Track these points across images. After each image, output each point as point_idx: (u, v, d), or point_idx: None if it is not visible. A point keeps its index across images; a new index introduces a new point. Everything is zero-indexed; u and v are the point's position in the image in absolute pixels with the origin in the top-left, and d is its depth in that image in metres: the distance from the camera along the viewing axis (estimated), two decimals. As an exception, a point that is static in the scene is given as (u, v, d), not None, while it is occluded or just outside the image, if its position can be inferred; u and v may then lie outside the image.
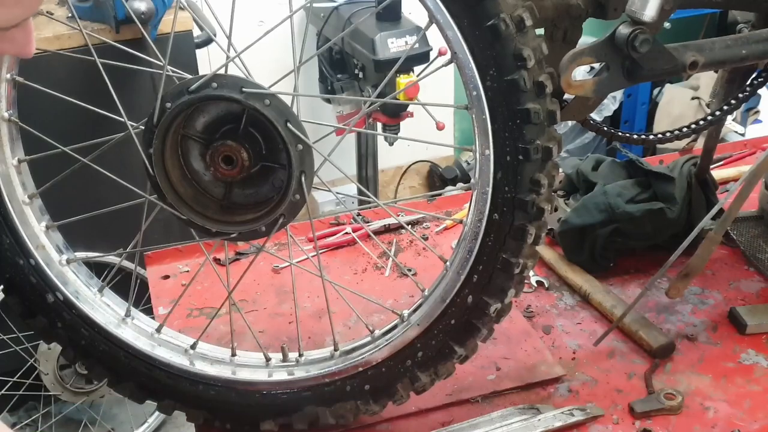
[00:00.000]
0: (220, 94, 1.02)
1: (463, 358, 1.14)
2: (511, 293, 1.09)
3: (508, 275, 1.07)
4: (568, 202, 1.76)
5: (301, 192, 1.05)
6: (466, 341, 1.12)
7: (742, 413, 1.23)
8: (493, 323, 1.12)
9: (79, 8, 2.36)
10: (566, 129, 3.88)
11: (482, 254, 1.06)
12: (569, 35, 1.23)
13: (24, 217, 1.16)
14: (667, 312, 1.47)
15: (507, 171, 1.01)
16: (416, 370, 1.14)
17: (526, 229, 1.03)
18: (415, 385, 1.15)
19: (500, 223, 1.04)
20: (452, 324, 1.10)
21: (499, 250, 1.05)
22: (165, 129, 1.05)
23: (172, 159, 1.09)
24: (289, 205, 1.07)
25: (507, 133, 1.00)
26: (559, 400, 1.28)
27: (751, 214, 1.67)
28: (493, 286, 1.08)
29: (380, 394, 1.17)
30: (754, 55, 1.28)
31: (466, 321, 1.10)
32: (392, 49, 2.84)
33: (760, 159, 1.29)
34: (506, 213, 1.03)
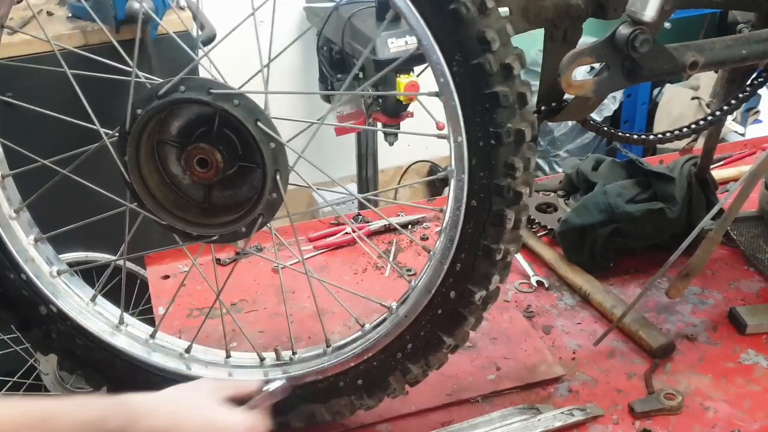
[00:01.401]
0: (188, 97, 1.02)
1: (452, 347, 1.14)
2: (495, 280, 1.08)
3: (490, 262, 1.06)
4: (568, 202, 1.76)
5: (277, 190, 1.05)
6: (454, 331, 1.11)
7: (742, 413, 1.23)
8: (480, 311, 1.12)
9: (79, 8, 2.35)
10: (566, 129, 3.88)
11: (463, 242, 1.05)
12: (569, 35, 1.23)
13: (11, 232, 1.18)
14: (667, 312, 1.47)
15: (481, 156, 1.00)
16: (407, 362, 1.14)
17: (505, 215, 1.03)
18: (407, 377, 1.15)
19: (478, 210, 1.04)
20: (439, 314, 1.10)
21: (480, 237, 1.05)
22: (138, 135, 1.05)
23: (148, 165, 1.09)
24: (266, 204, 1.06)
25: (478, 119, 0.99)
26: (559, 400, 1.28)
27: (751, 214, 1.67)
28: (476, 273, 1.07)
29: (374, 388, 1.17)
30: (755, 55, 1.28)
31: (453, 310, 1.10)
32: (392, 49, 2.84)
33: (760, 159, 1.29)
34: (483, 199, 1.03)
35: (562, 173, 1.86)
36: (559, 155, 3.96)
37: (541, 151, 3.98)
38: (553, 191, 1.80)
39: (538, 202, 1.77)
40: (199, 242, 1.13)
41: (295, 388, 1.18)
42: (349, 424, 1.24)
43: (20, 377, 2.63)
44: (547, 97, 1.28)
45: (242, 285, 1.60)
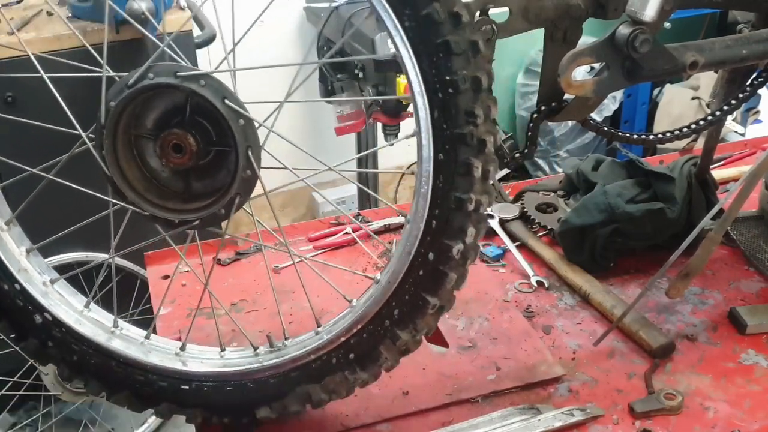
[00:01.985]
0: (157, 82, 1.05)
1: (438, 308, 1.13)
2: (471, 232, 1.08)
3: (463, 213, 1.06)
4: (568, 202, 1.76)
5: (251, 167, 1.07)
6: (438, 290, 1.11)
7: (742, 413, 1.23)
8: (461, 267, 1.11)
9: (79, 8, 2.36)
10: (566, 129, 3.89)
11: (436, 198, 1.06)
12: (569, 35, 1.23)
13: (3, 243, 1.19)
14: (667, 312, 1.47)
15: (441, 108, 1.02)
16: (396, 329, 1.13)
17: (471, 164, 1.03)
18: (397, 344, 1.14)
19: (446, 162, 1.04)
20: (421, 275, 1.10)
21: (450, 190, 1.05)
22: (113, 128, 1.08)
23: (127, 158, 1.11)
24: (241, 182, 1.08)
25: (434, 70, 1.00)
26: (559, 400, 1.28)
27: (751, 214, 1.67)
28: (451, 227, 1.07)
29: (366, 360, 1.16)
30: (755, 55, 1.28)
31: (433, 269, 1.09)
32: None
33: (760, 159, 1.29)
34: (449, 151, 1.03)
35: (562, 173, 1.86)
36: (559, 155, 3.96)
37: (541, 151, 3.98)
38: (553, 191, 1.80)
39: (538, 202, 1.77)
40: (181, 229, 1.14)
41: (290, 371, 1.18)
42: (349, 424, 1.24)
43: (20, 377, 2.63)
44: (547, 97, 1.28)
45: (242, 285, 1.60)
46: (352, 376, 1.17)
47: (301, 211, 3.96)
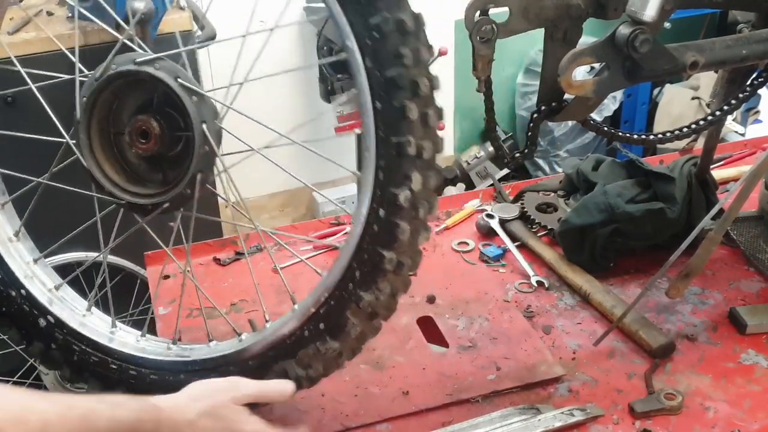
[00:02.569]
0: (118, 71, 1.12)
1: (397, 263, 1.11)
2: (416, 179, 1.07)
3: (406, 159, 1.06)
4: (568, 202, 1.76)
5: (207, 142, 1.11)
6: (392, 243, 1.10)
7: (742, 413, 1.23)
8: (414, 218, 1.10)
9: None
10: (566, 129, 3.89)
11: (379, 148, 1.06)
12: (569, 35, 1.23)
13: (11, 253, 1.29)
14: (667, 312, 1.47)
15: (371, 55, 1.03)
16: (359, 291, 1.13)
17: (406, 106, 1.03)
18: (362, 306, 1.13)
19: (383, 110, 1.05)
20: (376, 231, 1.10)
21: (390, 136, 1.05)
22: (87, 122, 1.15)
23: (104, 152, 1.19)
24: (200, 158, 1.12)
25: (359, 16, 1.02)
26: (559, 400, 1.28)
27: (751, 214, 1.67)
28: (396, 175, 1.07)
29: (335, 328, 1.15)
30: (755, 55, 1.28)
31: (386, 221, 1.09)
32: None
33: (760, 159, 1.29)
34: (384, 97, 1.04)
35: (562, 173, 1.86)
36: (559, 155, 3.96)
37: (541, 151, 3.98)
38: (553, 191, 1.80)
39: (538, 202, 1.77)
40: (154, 213, 1.19)
41: (268, 351, 1.20)
42: (349, 424, 1.24)
43: (20, 377, 2.63)
44: (548, 97, 1.28)
45: (242, 285, 1.60)
46: (323, 346, 1.16)
47: (301, 211, 3.96)
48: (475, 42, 1.18)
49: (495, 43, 1.20)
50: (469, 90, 1.42)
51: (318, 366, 1.18)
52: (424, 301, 1.53)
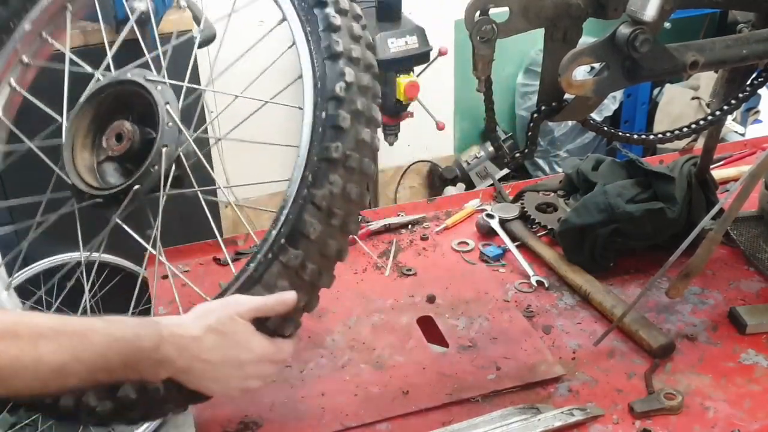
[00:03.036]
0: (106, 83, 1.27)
1: (343, 155, 1.12)
2: (349, 73, 1.13)
3: (336, 57, 1.14)
4: (568, 202, 1.76)
5: (171, 119, 1.19)
6: (339, 136, 1.12)
7: (742, 413, 1.23)
8: (355, 100, 1.13)
9: (79, 8, 2.35)
10: (566, 129, 3.88)
11: (311, 53, 1.15)
12: (569, 35, 1.23)
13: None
14: (667, 312, 1.47)
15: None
16: (312, 190, 1.12)
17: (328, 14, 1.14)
18: (316, 203, 1.12)
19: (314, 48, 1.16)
20: (320, 132, 1.13)
21: (320, 44, 1.14)
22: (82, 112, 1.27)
23: (83, 152, 1.29)
24: (164, 133, 1.20)
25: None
26: (559, 400, 1.28)
27: (751, 214, 1.67)
28: (330, 74, 1.14)
29: (294, 234, 1.12)
30: (755, 55, 1.28)
31: (328, 119, 1.12)
32: (392, 49, 2.84)
33: (760, 159, 1.29)
34: (313, 40, 1.16)
35: (562, 173, 1.86)
36: (559, 155, 3.96)
37: (541, 151, 3.98)
38: (553, 191, 1.80)
39: (538, 201, 1.77)
40: (126, 200, 1.22)
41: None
42: (349, 424, 1.24)
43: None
44: (548, 97, 1.28)
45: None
46: (285, 257, 1.12)
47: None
48: (475, 42, 1.18)
49: (495, 43, 1.20)
50: (469, 90, 1.43)
51: (284, 284, 1.13)
52: (424, 300, 1.53)
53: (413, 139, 3.55)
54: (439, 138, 3.77)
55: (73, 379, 0.95)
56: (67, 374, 0.94)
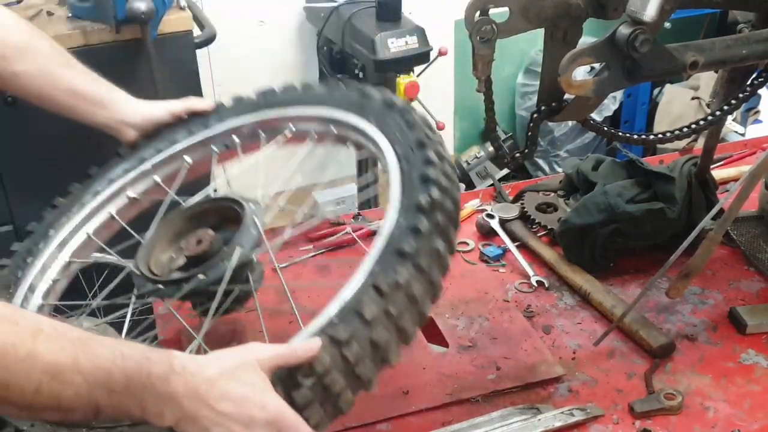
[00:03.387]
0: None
1: (415, 251, 1.08)
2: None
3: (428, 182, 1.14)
4: (568, 202, 1.76)
5: (255, 228, 1.25)
6: (414, 241, 1.10)
7: (743, 413, 1.23)
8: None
9: (79, 8, 2.35)
10: (566, 129, 3.89)
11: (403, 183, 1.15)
12: (569, 35, 1.23)
13: None
14: (667, 312, 1.47)
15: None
16: (378, 276, 1.09)
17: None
18: (378, 286, 1.07)
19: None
20: (398, 230, 1.11)
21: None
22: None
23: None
24: (245, 236, 1.23)
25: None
26: (559, 400, 1.28)
27: (751, 214, 1.67)
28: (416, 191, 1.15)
29: (347, 312, 1.05)
30: (755, 55, 1.28)
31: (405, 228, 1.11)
32: (392, 49, 2.85)
33: (760, 159, 1.29)
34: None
35: (562, 173, 1.86)
36: (559, 155, 3.97)
37: (541, 151, 3.98)
38: (554, 191, 1.80)
39: (538, 202, 1.77)
40: (189, 283, 1.22)
41: None
42: (349, 424, 1.24)
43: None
44: (548, 97, 1.28)
45: (242, 285, 1.60)
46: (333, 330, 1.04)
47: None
48: (475, 42, 1.18)
49: (495, 43, 1.20)
50: (469, 90, 1.42)
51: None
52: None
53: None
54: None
55: (68, 391, 0.86)
56: (63, 381, 0.85)
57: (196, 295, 1.20)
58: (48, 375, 0.85)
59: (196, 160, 1.48)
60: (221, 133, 1.47)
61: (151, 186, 1.48)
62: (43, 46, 1.44)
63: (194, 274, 1.18)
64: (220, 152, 1.48)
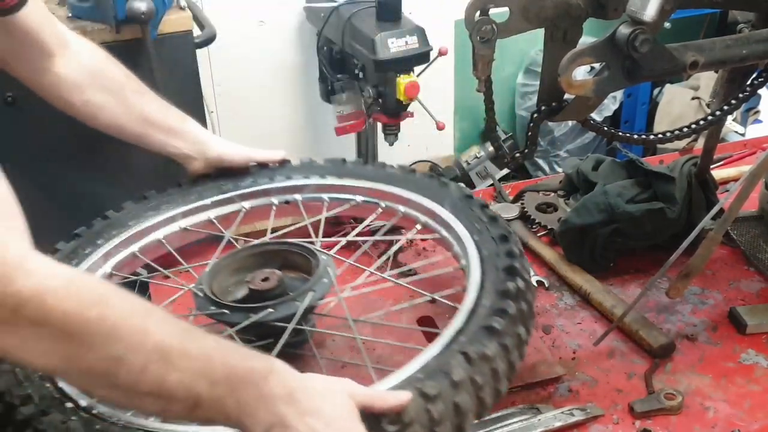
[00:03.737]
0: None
1: (503, 330, 1.13)
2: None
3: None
4: (568, 202, 1.76)
5: (328, 277, 1.32)
6: (501, 319, 1.15)
7: (742, 413, 1.23)
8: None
9: (79, 8, 2.35)
10: (566, 129, 3.89)
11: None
12: (569, 35, 1.23)
13: None
14: (667, 312, 1.47)
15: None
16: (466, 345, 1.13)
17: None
18: (467, 353, 1.10)
19: None
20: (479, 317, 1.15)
21: None
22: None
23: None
24: (319, 283, 1.30)
25: None
26: (559, 400, 1.28)
27: (751, 214, 1.67)
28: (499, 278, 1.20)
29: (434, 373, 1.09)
30: (755, 55, 1.28)
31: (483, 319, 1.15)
32: (392, 49, 2.84)
33: (760, 159, 1.29)
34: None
35: (562, 173, 1.86)
36: (559, 155, 3.97)
37: (541, 151, 3.98)
38: (554, 191, 1.80)
39: (538, 201, 1.77)
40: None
41: None
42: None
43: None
44: (548, 96, 1.28)
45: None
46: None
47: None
48: (475, 42, 1.18)
49: (495, 44, 1.20)
50: (469, 90, 1.43)
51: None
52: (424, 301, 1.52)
53: (413, 139, 3.55)
54: (439, 138, 3.77)
55: (173, 375, 0.86)
56: (169, 363, 0.86)
57: (257, 328, 1.23)
58: (156, 354, 0.86)
59: (254, 207, 1.55)
60: (284, 187, 1.55)
61: (204, 221, 1.52)
62: (115, 74, 1.45)
63: (262, 307, 1.23)
64: (279, 205, 1.55)
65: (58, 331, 0.83)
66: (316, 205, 1.54)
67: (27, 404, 1.03)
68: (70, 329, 0.83)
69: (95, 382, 0.88)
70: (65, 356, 0.85)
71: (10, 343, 0.83)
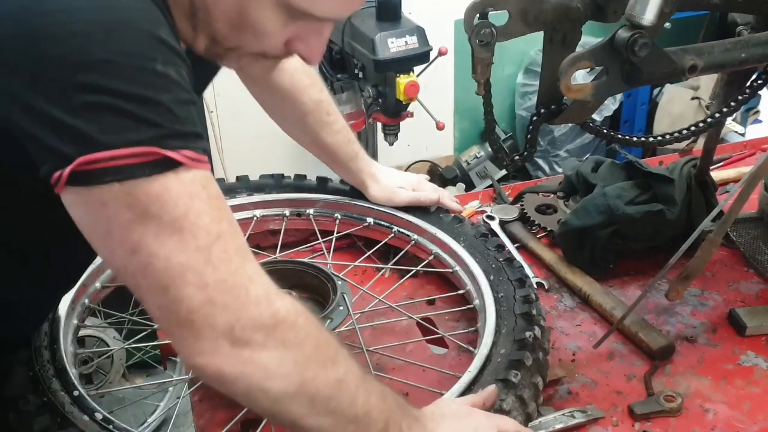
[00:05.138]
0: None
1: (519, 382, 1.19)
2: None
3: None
4: (567, 203, 1.76)
5: (345, 305, 1.38)
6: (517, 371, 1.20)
7: (742, 415, 1.24)
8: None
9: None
10: (566, 129, 3.89)
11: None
12: (568, 38, 1.23)
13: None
14: (666, 314, 1.47)
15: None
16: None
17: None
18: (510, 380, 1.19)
19: None
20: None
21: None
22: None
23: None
24: (336, 311, 1.36)
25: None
26: (559, 402, 1.28)
27: (750, 216, 1.67)
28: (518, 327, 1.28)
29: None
30: (754, 59, 1.28)
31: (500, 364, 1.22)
32: (392, 49, 2.84)
33: (760, 160, 1.29)
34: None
35: (561, 174, 1.86)
36: (558, 155, 3.96)
37: (541, 151, 3.98)
38: (553, 193, 1.81)
39: (537, 203, 1.77)
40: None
41: None
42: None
43: (21, 378, 2.62)
44: (547, 99, 1.28)
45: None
46: None
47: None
48: (474, 45, 1.18)
49: (494, 47, 1.20)
50: (469, 90, 1.43)
51: None
52: (423, 302, 1.53)
53: (413, 139, 3.55)
54: (439, 138, 3.77)
55: (373, 402, 0.96)
56: (368, 391, 0.96)
57: None
58: (361, 378, 0.96)
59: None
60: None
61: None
62: (305, 100, 1.51)
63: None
64: (290, 216, 1.65)
65: (300, 353, 0.88)
66: (330, 220, 1.64)
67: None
68: (307, 351, 0.89)
69: (317, 408, 0.90)
70: (300, 381, 0.88)
71: (250, 371, 0.86)
